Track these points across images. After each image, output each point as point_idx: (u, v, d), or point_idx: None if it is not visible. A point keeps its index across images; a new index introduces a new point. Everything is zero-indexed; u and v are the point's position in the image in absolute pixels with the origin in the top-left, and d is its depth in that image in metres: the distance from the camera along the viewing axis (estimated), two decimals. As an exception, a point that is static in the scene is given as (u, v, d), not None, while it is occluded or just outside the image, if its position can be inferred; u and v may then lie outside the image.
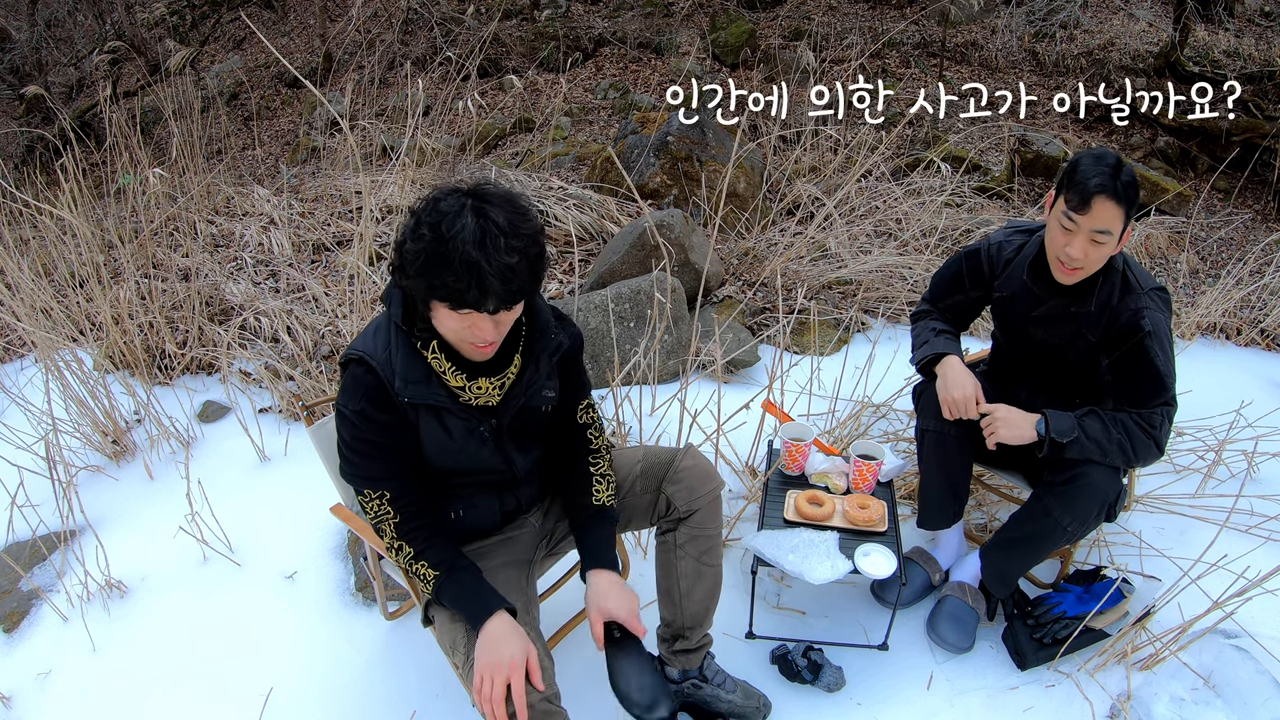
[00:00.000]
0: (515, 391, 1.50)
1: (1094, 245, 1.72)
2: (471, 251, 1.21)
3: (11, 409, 2.92)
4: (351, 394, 1.42)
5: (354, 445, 1.46)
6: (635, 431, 2.68)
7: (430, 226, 1.23)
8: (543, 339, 1.50)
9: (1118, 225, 1.69)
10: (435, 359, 1.41)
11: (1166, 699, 1.84)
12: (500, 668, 1.35)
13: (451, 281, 1.22)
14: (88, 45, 8.29)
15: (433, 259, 1.22)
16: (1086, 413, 1.81)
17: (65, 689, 2.02)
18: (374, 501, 1.49)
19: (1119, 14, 7.98)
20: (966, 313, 2.13)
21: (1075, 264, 1.74)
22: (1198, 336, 3.60)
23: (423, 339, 1.41)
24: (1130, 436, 1.78)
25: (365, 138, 5.01)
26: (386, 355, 1.40)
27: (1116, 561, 2.27)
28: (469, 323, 1.30)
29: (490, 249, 1.22)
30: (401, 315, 1.40)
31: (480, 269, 1.21)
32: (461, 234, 1.21)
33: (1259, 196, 5.50)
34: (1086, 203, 1.67)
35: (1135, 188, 1.69)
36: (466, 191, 1.28)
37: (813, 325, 3.28)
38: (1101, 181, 1.65)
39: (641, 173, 4.44)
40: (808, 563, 1.89)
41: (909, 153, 5.41)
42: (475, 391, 1.45)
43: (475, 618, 1.42)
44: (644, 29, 7.79)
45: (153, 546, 2.40)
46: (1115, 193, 1.66)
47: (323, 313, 3.29)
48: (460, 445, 1.51)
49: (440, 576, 1.47)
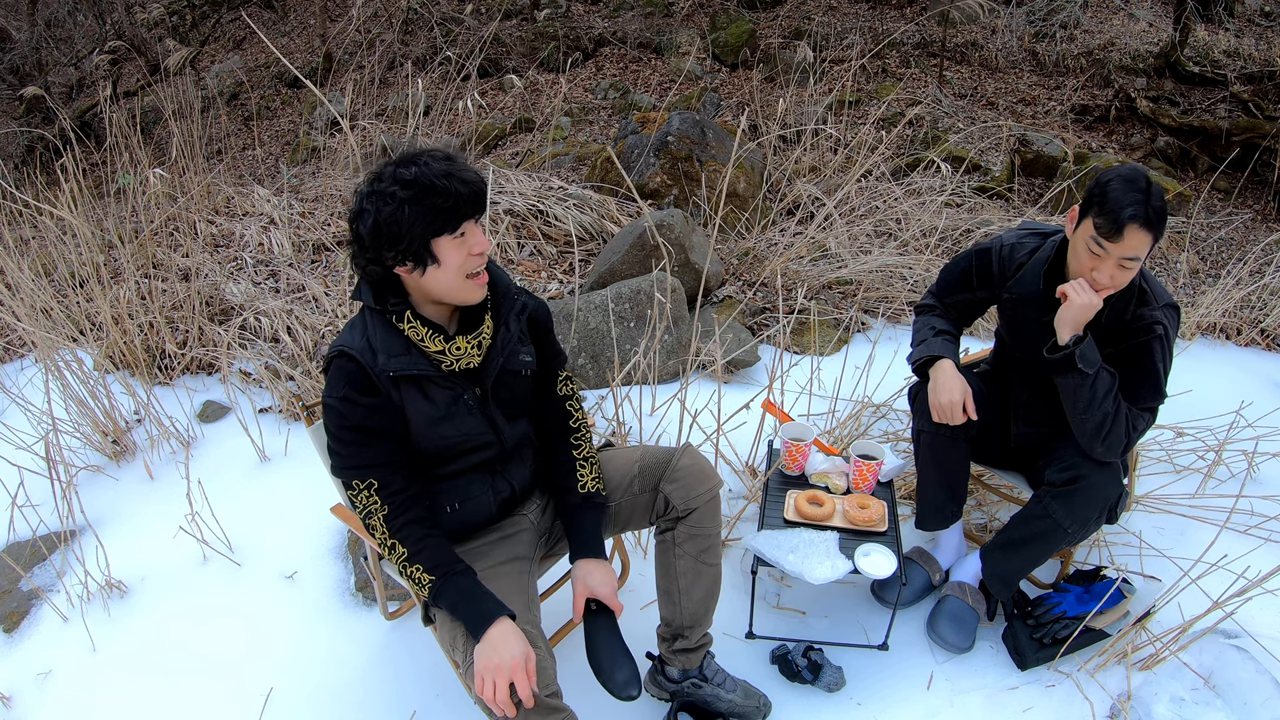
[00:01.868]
0: (493, 353, 1.58)
1: (1121, 269, 1.69)
2: (441, 168, 1.41)
3: (11, 409, 2.92)
4: (335, 384, 1.49)
5: (339, 435, 1.50)
6: (635, 431, 2.68)
7: (397, 184, 1.39)
8: (507, 299, 1.62)
9: (1147, 250, 1.66)
10: (412, 328, 1.49)
11: (1166, 699, 1.84)
12: (502, 669, 1.36)
13: (441, 202, 1.39)
14: (88, 45, 8.29)
15: (417, 200, 1.38)
16: (1108, 369, 1.77)
17: (65, 689, 2.02)
18: (362, 493, 1.51)
19: (1119, 14, 7.98)
20: (970, 311, 2.12)
21: (1103, 288, 1.72)
22: (1198, 336, 3.60)
23: (396, 313, 1.49)
24: (1118, 415, 1.76)
25: (365, 138, 5.01)
26: (364, 342, 1.49)
27: (1116, 562, 2.27)
28: (469, 242, 1.45)
29: (454, 169, 1.42)
30: (373, 298, 1.49)
31: (455, 179, 1.41)
32: (427, 170, 1.40)
33: (1259, 196, 5.50)
34: (1120, 231, 1.63)
35: (1165, 211, 1.66)
36: (382, 169, 1.43)
37: (813, 325, 3.28)
38: (1135, 211, 1.61)
39: (641, 173, 4.44)
40: (808, 563, 1.89)
41: (909, 153, 5.41)
42: (455, 354, 1.52)
43: (474, 625, 1.43)
44: (644, 29, 7.79)
45: (153, 546, 2.40)
46: (1148, 221, 1.62)
47: (323, 313, 3.29)
48: (446, 414, 1.54)
49: (436, 582, 1.48)
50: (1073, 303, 1.73)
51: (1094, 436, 1.79)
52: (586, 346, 3.04)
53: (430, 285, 1.47)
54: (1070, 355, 1.74)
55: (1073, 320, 1.74)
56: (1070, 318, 1.74)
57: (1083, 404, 1.76)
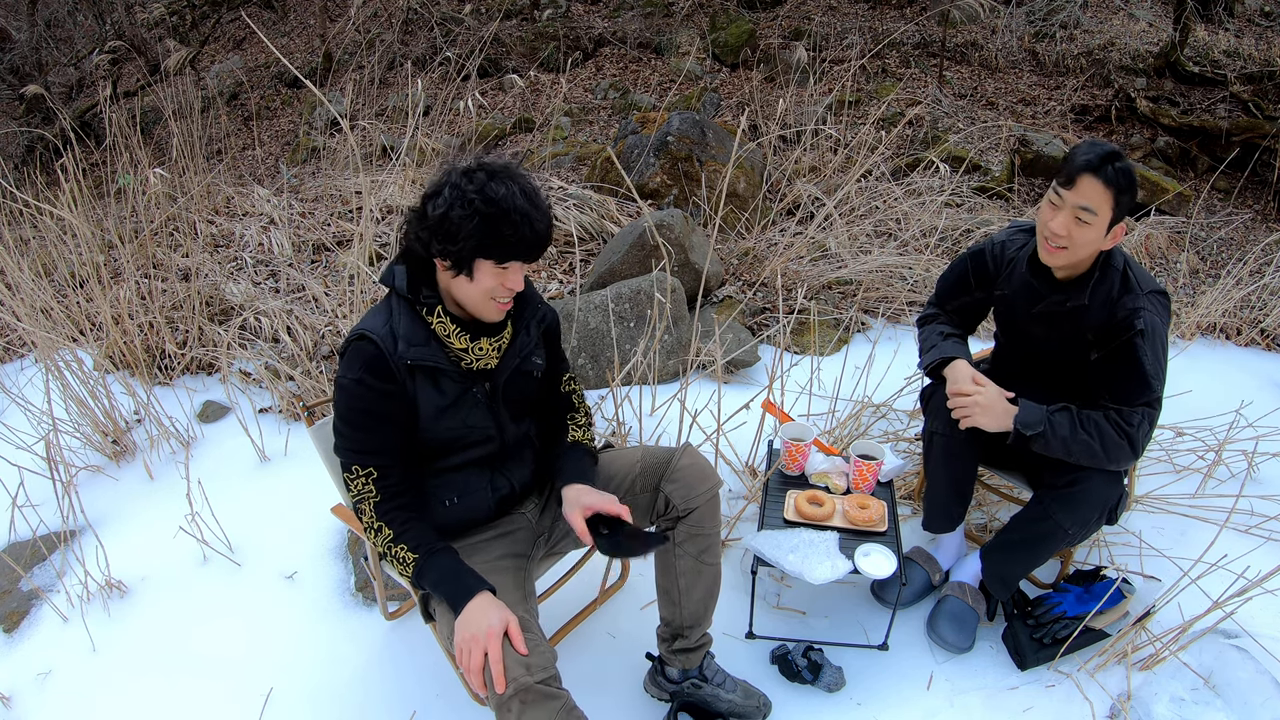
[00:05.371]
0: (510, 354, 1.63)
1: (1078, 224, 1.71)
2: (524, 206, 1.42)
3: (11, 409, 2.92)
4: (351, 364, 1.51)
5: (347, 416, 1.52)
6: (635, 431, 2.68)
7: (476, 194, 1.40)
8: (530, 307, 1.66)
9: (1103, 207, 1.69)
10: (440, 323, 1.53)
11: (1166, 699, 1.84)
12: (477, 639, 1.37)
13: (509, 234, 1.41)
14: (88, 45, 8.29)
15: (488, 219, 1.40)
16: (1059, 409, 1.80)
17: (65, 689, 2.02)
18: (359, 480, 1.53)
19: (1119, 14, 7.98)
20: (974, 314, 2.13)
21: (1059, 241, 1.74)
22: (1198, 336, 3.59)
23: (428, 305, 1.52)
24: (1102, 436, 1.76)
25: (365, 138, 5.01)
26: (387, 328, 1.51)
27: (1116, 561, 2.27)
28: (506, 276, 1.48)
29: (534, 205, 1.44)
30: (407, 286, 1.52)
31: (531, 219, 1.43)
32: (511, 196, 1.41)
33: (1259, 196, 5.50)
34: (1072, 179, 1.69)
35: (1128, 176, 1.68)
36: (479, 168, 1.44)
37: (813, 325, 3.28)
38: (1089, 160, 1.67)
39: (641, 173, 4.44)
40: (808, 563, 1.89)
41: (909, 153, 5.41)
42: (478, 353, 1.56)
43: (456, 600, 1.44)
44: (644, 29, 7.79)
45: (153, 546, 2.40)
46: (1101, 172, 1.67)
47: (323, 313, 3.29)
48: (454, 405, 1.56)
49: (419, 560, 1.49)
50: (975, 417, 1.82)
51: (1096, 462, 1.80)
52: (586, 346, 3.04)
53: (455, 289, 1.51)
54: (1018, 434, 1.80)
55: (990, 424, 1.82)
56: (987, 422, 1.82)
57: (1061, 451, 1.79)
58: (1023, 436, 1.80)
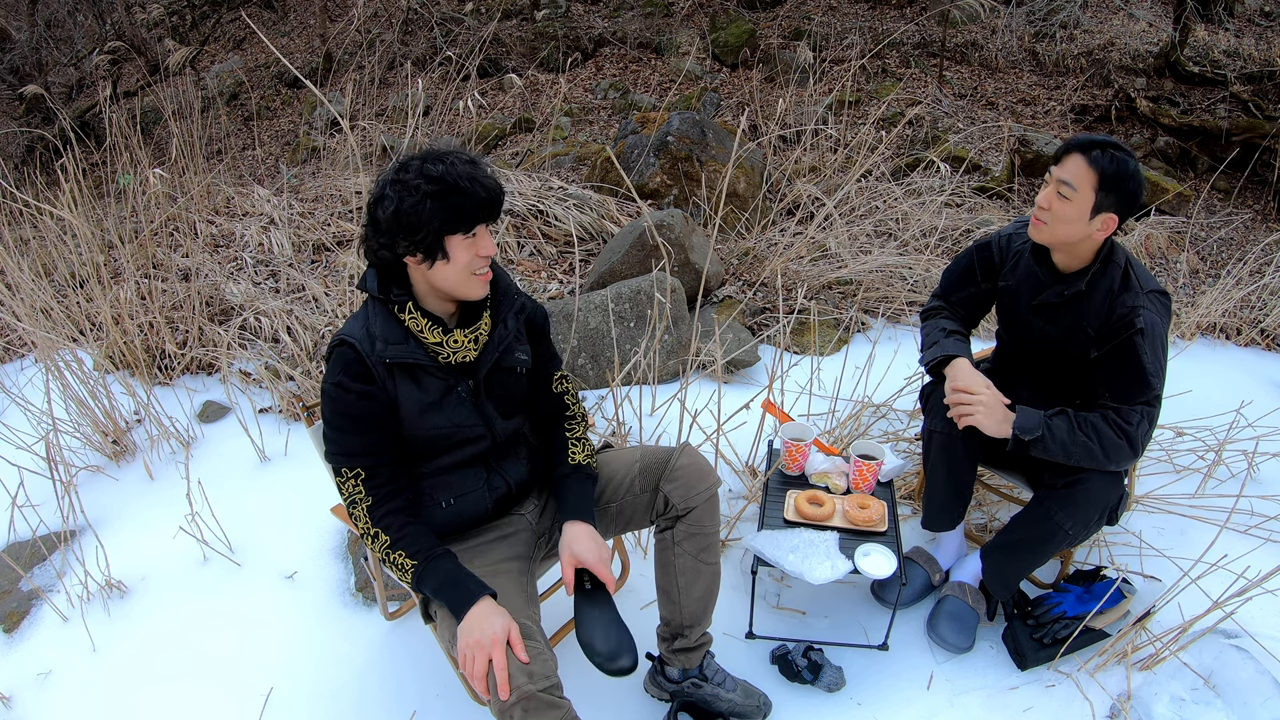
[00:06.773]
0: (489, 348, 1.63)
1: (1060, 200, 1.76)
2: (467, 171, 1.47)
3: (11, 409, 2.92)
4: (332, 370, 1.53)
5: (332, 421, 1.54)
6: (635, 431, 2.68)
7: (422, 178, 1.44)
8: (506, 299, 1.66)
9: (1084, 186, 1.72)
10: (412, 319, 1.54)
11: (1166, 699, 1.84)
12: (481, 645, 1.38)
13: (461, 203, 1.44)
14: (88, 45, 8.29)
15: (439, 195, 1.43)
16: (1056, 412, 1.81)
17: (65, 689, 2.02)
18: (349, 482, 1.54)
19: (1119, 14, 7.98)
20: (977, 307, 2.13)
21: (1041, 214, 1.80)
22: (1198, 336, 3.60)
23: (399, 303, 1.54)
24: (1100, 438, 1.76)
25: (365, 138, 5.01)
26: (364, 330, 1.54)
27: (1117, 561, 2.27)
28: (478, 244, 1.50)
29: (478, 172, 1.48)
30: (378, 287, 1.54)
31: (479, 183, 1.47)
32: (452, 170, 1.45)
33: (1259, 196, 5.50)
34: (1060, 156, 1.77)
35: (1119, 165, 1.71)
36: (408, 160, 1.48)
37: (813, 325, 3.28)
38: (1080, 140, 1.74)
39: (641, 173, 4.44)
40: (808, 563, 1.89)
41: (909, 153, 5.41)
42: (453, 346, 1.57)
43: (458, 606, 1.45)
44: (644, 29, 7.79)
45: (153, 546, 2.40)
46: (1088, 152, 1.71)
47: (323, 313, 3.29)
48: (438, 403, 1.57)
49: (418, 566, 1.50)
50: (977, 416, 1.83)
51: (1096, 463, 1.80)
52: (586, 346, 3.04)
53: (436, 278, 1.51)
54: (1016, 439, 1.81)
55: (989, 427, 1.83)
56: (986, 424, 1.83)
57: (1061, 455, 1.80)
58: (1022, 443, 1.80)
